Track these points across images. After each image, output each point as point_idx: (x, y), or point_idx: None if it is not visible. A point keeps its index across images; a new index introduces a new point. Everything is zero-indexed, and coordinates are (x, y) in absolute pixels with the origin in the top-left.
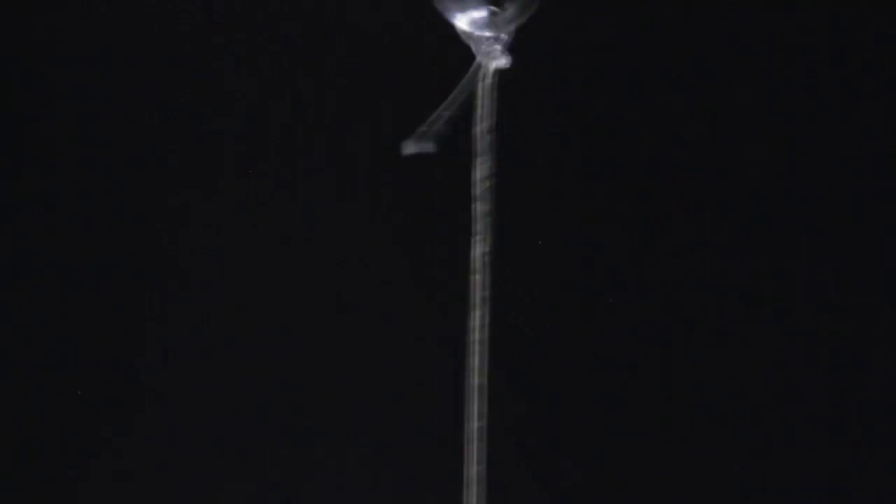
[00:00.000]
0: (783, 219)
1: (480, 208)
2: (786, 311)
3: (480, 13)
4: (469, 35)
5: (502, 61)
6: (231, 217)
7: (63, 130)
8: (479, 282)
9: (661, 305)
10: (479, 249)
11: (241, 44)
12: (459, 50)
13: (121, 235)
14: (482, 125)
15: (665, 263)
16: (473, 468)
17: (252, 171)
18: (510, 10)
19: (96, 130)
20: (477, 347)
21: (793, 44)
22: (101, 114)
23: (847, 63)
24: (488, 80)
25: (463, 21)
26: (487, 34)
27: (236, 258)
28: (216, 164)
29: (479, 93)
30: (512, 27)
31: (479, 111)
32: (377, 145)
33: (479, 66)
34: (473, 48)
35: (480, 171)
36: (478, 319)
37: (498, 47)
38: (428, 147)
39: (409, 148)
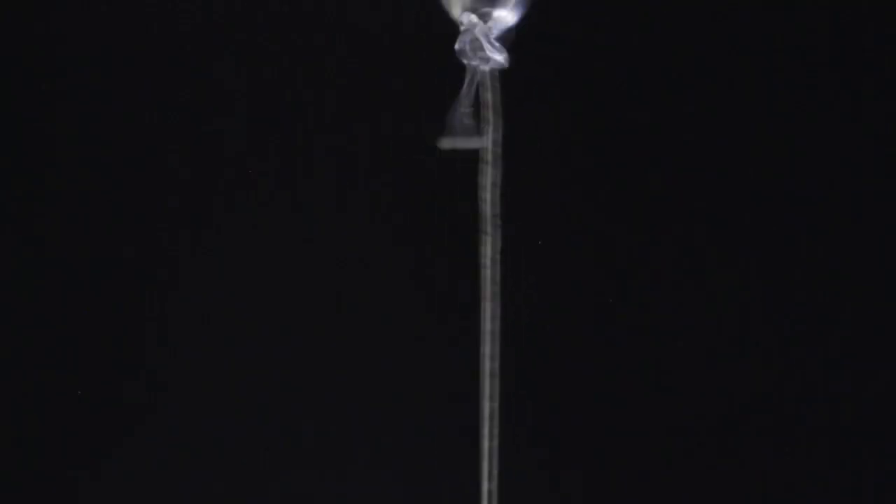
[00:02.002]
0: (786, 219)
1: (489, 206)
2: (789, 311)
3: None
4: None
5: (495, 60)
6: (231, 217)
7: (63, 130)
8: (488, 277)
9: (665, 305)
10: (489, 246)
11: (241, 44)
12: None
13: (121, 235)
14: (489, 123)
15: (670, 263)
16: (486, 471)
17: (252, 171)
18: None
19: (96, 130)
20: (488, 342)
21: (793, 44)
22: (102, 114)
23: (847, 63)
24: (486, 80)
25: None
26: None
27: (236, 258)
28: (216, 164)
29: (485, 91)
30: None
31: (484, 109)
32: (379, 145)
33: (475, 68)
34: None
35: (488, 168)
36: (488, 313)
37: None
38: (471, 142)
39: (447, 143)
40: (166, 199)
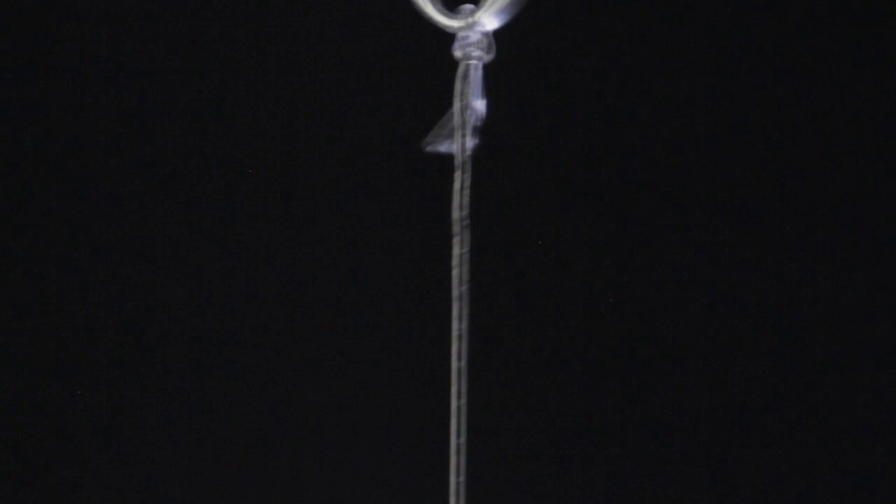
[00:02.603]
0: (783, 217)
1: (458, 209)
2: (786, 310)
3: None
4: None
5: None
6: (231, 216)
7: (63, 130)
8: (457, 277)
9: (647, 300)
10: (458, 247)
11: (241, 44)
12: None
13: (121, 235)
14: (462, 122)
15: (650, 258)
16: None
17: (252, 170)
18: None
19: (96, 130)
20: (456, 341)
21: (791, 43)
22: (101, 114)
23: (848, 63)
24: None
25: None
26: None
27: (234, 256)
28: (216, 164)
29: (458, 88)
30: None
31: (458, 107)
32: (374, 145)
33: (467, 68)
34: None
35: (459, 173)
36: (456, 312)
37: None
38: (449, 146)
39: (433, 146)
40: (166, 199)
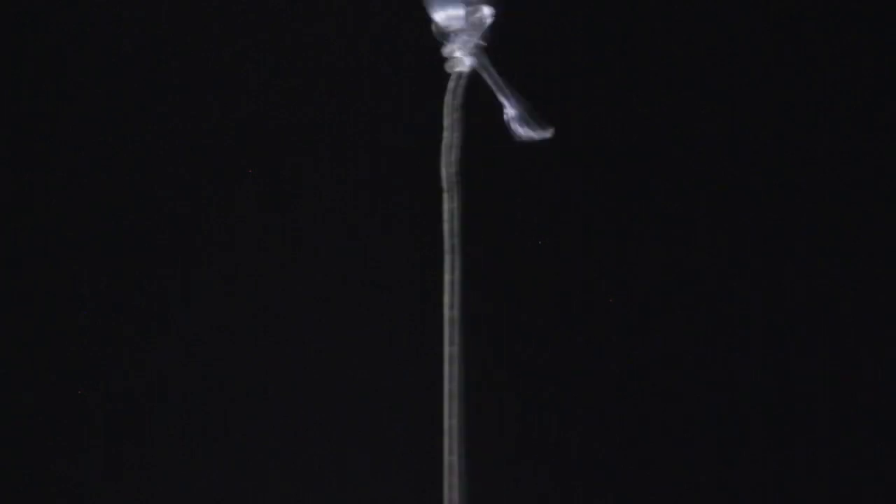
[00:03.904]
0: (783, 218)
1: (447, 166)
2: (786, 310)
3: (457, 11)
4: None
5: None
6: (231, 216)
7: (64, 131)
8: (448, 231)
9: (640, 296)
10: (448, 202)
11: (240, 44)
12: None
13: (122, 236)
14: (452, 116)
15: (642, 256)
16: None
17: (252, 170)
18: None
19: (96, 131)
20: (450, 293)
21: (794, 43)
22: (101, 114)
23: (846, 64)
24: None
25: (441, 17)
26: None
27: (233, 255)
28: (216, 164)
29: (450, 86)
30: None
31: (449, 102)
32: (369, 140)
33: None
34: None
35: (452, 152)
36: (448, 265)
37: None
38: (540, 133)
39: (522, 134)
40: (168, 199)
